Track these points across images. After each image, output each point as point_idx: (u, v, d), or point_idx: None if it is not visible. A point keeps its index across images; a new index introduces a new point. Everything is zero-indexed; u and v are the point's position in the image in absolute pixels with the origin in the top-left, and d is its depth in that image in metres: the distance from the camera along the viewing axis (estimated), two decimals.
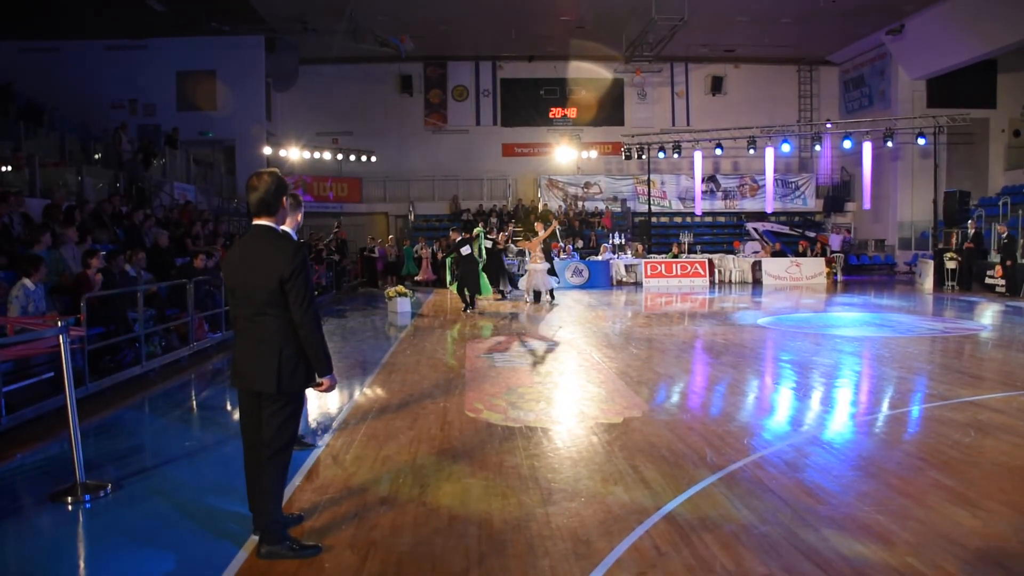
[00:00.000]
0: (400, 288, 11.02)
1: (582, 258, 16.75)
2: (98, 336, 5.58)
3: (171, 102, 17.41)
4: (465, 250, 10.32)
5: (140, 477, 3.48)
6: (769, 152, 18.57)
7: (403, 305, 10.75)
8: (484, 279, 10.73)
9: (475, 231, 11.16)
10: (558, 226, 12.17)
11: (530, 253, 11.75)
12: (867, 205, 18.43)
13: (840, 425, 4.15)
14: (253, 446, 2.61)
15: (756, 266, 16.15)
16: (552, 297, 12.01)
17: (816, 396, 4.89)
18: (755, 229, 19.94)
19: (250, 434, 2.62)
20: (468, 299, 10.41)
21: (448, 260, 11.07)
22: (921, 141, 16.74)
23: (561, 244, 16.84)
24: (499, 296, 10.69)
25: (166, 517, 2.97)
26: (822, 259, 16.02)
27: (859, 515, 2.83)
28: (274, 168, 2.74)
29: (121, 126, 12.25)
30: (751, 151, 18.29)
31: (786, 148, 18.23)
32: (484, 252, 11.65)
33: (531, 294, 11.85)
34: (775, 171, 19.27)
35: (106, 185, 10.70)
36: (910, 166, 18.83)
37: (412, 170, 20.62)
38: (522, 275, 14.02)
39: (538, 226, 12.28)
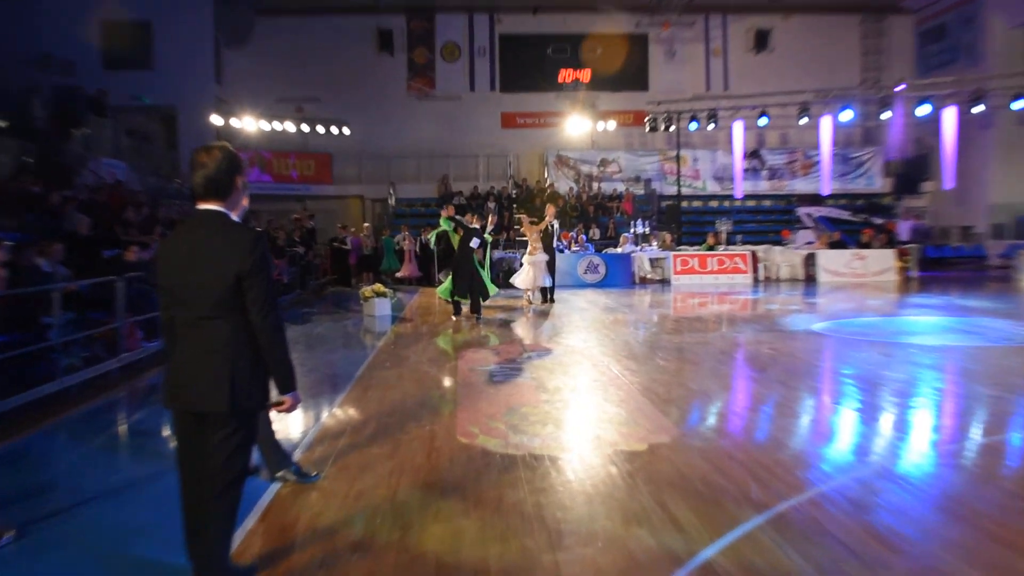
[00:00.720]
0: (378, 287, 11.00)
1: (598, 251, 16.76)
2: (3, 346, 5.54)
3: (95, 59, 17.30)
4: (474, 242, 10.24)
5: (53, 521, 3.44)
6: (825, 121, 18.51)
7: (381, 307, 10.74)
8: (488, 278, 10.63)
9: (486, 235, 10.92)
10: (554, 222, 11.99)
11: (528, 243, 11.71)
12: (949, 184, 18.15)
13: (918, 455, 4.11)
14: (195, 480, 2.58)
15: (809, 260, 16.15)
16: (548, 297, 11.95)
17: (887, 419, 4.86)
18: (808, 215, 19.90)
19: (192, 465, 2.59)
20: (473, 302, 10.33)
21: (435, 247, 11.05)
22: (1019, 105, 16.53)
23: (573, 235, 16.82)
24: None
25: (85, 571, 2.93)
26: (892, 251, 15.98)
27: (945, 568, 2.78)
28: (224, 142, 2.72)
29: (32, 87, 12.19)
30: (803, 120, 18.24)
31: (847, 116, 18.13)
32: (489, 258, 11.70)
33: (535, 292, 11.83)
34: (833, 144, 19.22)
35: (12, 160, 10.66)
36: (1005, 136, 18.61)
37: (393, 145, 20.67)
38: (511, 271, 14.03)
39: (549, 209, 12.10)
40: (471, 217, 10.62)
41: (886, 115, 18.28)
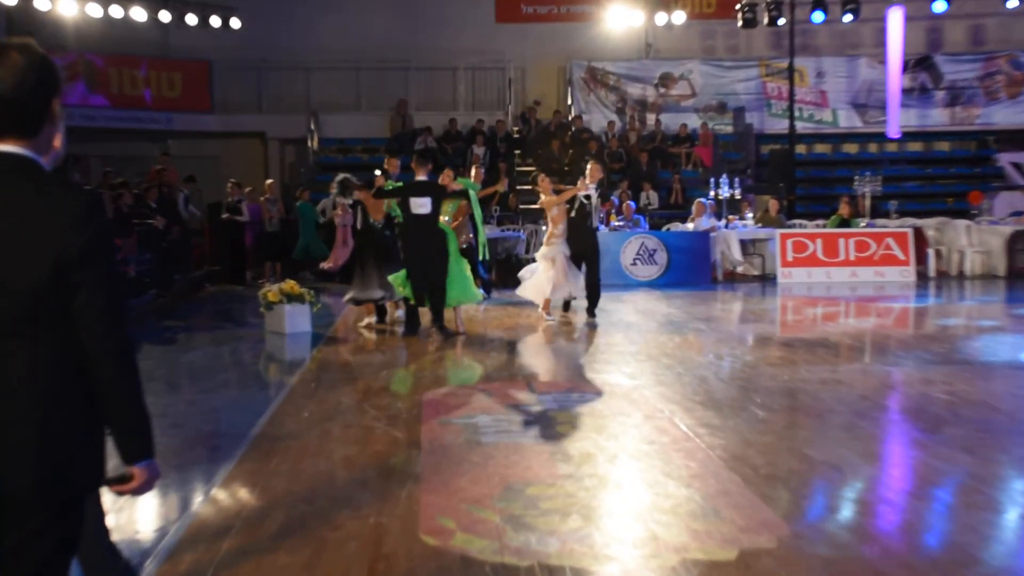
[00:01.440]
0: (290, 285, 11.00)
1: (655, 227, 16.76)
2: None
3: None
4: (421, 207, 10.17)
5: None
6: None
7: (295, 319, 10.77)
8: (465, 275, 10.56)
9: (458, 181, 10.99)
10: (592, 189, 11.77)
11: (547, 221, 11.62)
12: None
13: None
14: None
15: (1018, 242, 16.14)
16: (566, 307, 12.01)
17: None
18: (1016, 165, 19.86)
19: None
20: (433, 306, 10.35)
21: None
22: None
23: (614, 201, 16.77)
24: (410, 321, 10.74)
25: None
26: None
27: None
28: (27, 38, 2.71)
29: None
30: (1013, 2, 18.08)
31: None
32: (480, 236, 11.81)
33: (554, 303, 11.73)
34: None
35: None
36: None
37: (314, 50, 20.64)
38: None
39: (593, 169, 11.69)
40: (448, 177, 10.51)
41: None
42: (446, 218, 10.70)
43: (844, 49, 21.34)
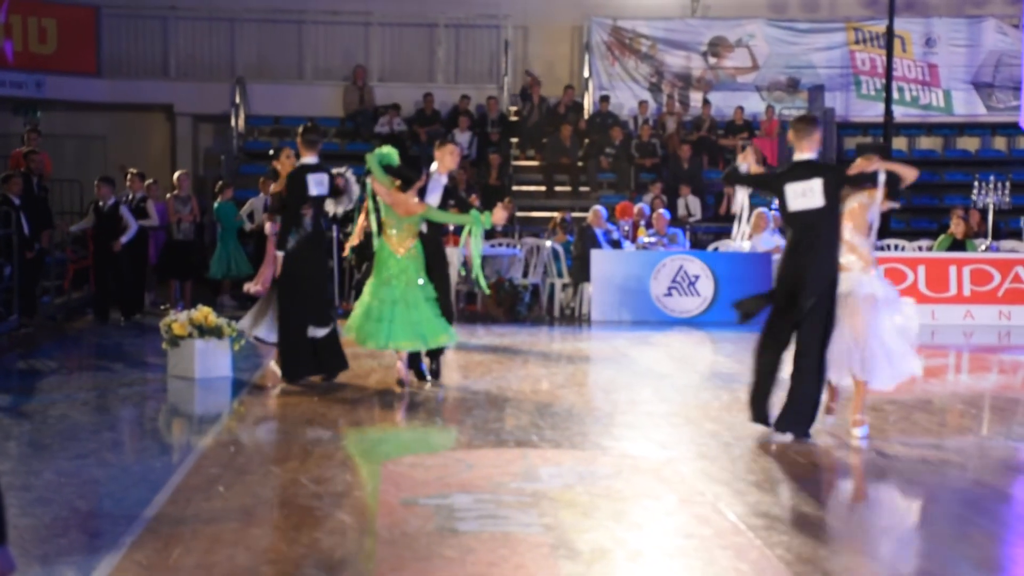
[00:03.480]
0: (203, 314, 10.98)
1: (697, 245, 16.80)
2: None
3: None
4: (315, 185, 10.30)
5: None
6: None
7: (210, 360, 10.80)
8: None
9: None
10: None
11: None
12: None
13: None
14: None
15: None
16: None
17: None
18: None
19: None
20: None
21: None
22: None
23: (644, 210, 16.84)
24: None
25: None
26: None
27: None
28: None
29: None
30: None
31: None
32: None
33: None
34: None
35: None
36: None
37: None
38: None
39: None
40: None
41: None
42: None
43: (964, 7, 21.35)
